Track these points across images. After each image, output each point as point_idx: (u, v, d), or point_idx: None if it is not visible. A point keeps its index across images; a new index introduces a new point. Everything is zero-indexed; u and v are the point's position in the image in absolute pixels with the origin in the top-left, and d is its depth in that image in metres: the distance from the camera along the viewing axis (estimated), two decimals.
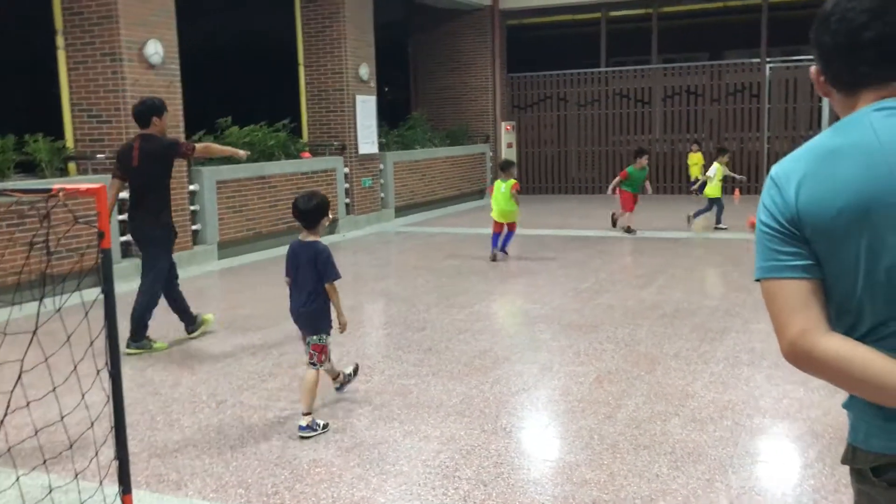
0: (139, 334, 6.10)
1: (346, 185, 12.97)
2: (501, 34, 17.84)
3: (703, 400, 4.70)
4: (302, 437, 4.27)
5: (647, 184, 11.86)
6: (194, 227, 10.14)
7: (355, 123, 13.08)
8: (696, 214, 12.09)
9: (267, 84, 18.13)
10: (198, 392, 5.13)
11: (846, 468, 1.61)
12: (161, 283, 6.21)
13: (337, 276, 4.43)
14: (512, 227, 9.77)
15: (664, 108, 17.44)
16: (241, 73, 17.50)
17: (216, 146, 6.94)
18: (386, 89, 18.02)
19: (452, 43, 17.89)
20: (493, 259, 9.64)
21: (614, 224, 11.98)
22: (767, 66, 16.43)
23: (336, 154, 12.94)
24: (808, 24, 1.64)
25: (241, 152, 6.73)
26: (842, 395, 1.58)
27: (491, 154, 17.81)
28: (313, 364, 4.44)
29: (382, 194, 14.04)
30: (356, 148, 13.15)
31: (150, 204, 6.12)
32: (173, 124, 9.64)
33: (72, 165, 9.43)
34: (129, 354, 5.96)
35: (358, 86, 13.21)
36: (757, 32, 16.53)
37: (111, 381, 2.96)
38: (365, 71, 13.30)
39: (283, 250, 10.85)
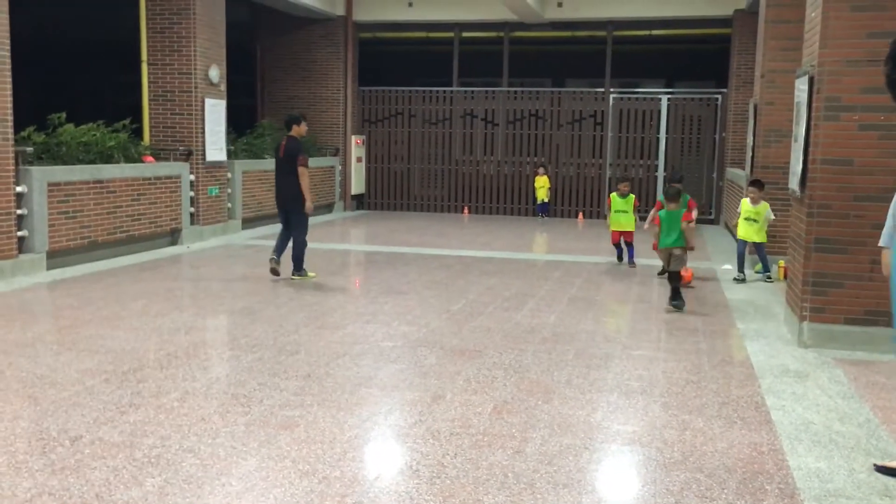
0: (299, 268, 9.03)
1: (192, 194, 12.14)
2: (354, 46, 17.49)
3: (608, 432, 4.55)
4: None
5: None
6: (20, 234, 9.05)
7: (203, 128, 12.28)
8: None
9: (108, 81, 16.77)
10: (45, 427, 4.42)
11: None
12: (307, 232, 9.04)
13: None
14: (627, 236, 10.64)
15: (508, 130, 17.69)
16: (79, 68, 16.07)
17: (307, 180, 8.88)
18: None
19: (303, 51, 17.33)
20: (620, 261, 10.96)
21: None
22: (611, 95, 17.05)
23: (181, 160, 12.09)
24: (646, 59, 1.49)
25: (310, 203, 8.90)
26: (741, 424, 1.37)
27: (340, 168, 17.35)
28: None
29: (230, 204, 13.27)
30: (203, 154, 12.34)
31: (291, 182, 8.81)
32: (0, 118, 8.60)
33: None
34: (293, 279, 8.98)
35: (207, 88, 12.42)
36: (602, 63, 17.13)
37: None
38: (215, 73, 12.54)
39: (122, 261, 10.04)
